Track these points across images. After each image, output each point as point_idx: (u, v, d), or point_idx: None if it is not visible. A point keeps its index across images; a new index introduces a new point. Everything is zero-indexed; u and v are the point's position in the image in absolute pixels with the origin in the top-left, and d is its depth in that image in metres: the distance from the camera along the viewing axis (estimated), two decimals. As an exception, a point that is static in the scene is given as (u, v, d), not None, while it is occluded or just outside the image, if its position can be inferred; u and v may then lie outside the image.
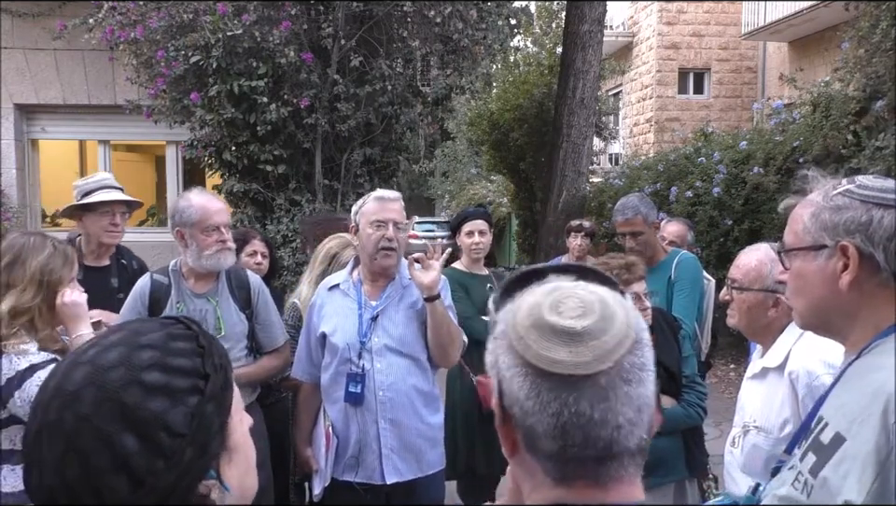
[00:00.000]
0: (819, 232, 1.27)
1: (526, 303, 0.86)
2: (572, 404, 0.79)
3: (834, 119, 5.75)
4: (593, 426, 0.79)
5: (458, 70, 7.86)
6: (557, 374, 0.79)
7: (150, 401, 0.78)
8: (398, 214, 2.71)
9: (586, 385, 0.79)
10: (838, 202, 1.25)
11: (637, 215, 3.49)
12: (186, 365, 0.83)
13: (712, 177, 7.13)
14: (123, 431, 0.76)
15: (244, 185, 6.93)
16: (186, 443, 0.78)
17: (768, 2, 14.78)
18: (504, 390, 0.85)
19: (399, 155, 8.35)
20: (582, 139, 10.86)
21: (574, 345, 0.80)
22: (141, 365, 0.80)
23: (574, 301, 0.84)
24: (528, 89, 13.62)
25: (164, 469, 0.77)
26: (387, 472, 2.66)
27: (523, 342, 0.82)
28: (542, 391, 0.80)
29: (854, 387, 1.20)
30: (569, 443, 0.80)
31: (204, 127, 6.59)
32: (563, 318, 0.82)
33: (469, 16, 7.21)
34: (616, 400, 0.80)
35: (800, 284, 1.32)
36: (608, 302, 0.84)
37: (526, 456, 0.85)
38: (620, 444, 0.81)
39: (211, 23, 6.19)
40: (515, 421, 0.84)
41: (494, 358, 0.88)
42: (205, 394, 0.82)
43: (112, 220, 3.21)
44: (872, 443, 1.11)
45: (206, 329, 2.84)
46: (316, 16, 6.67)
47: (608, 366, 0.79)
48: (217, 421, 0.83)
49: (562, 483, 0.83)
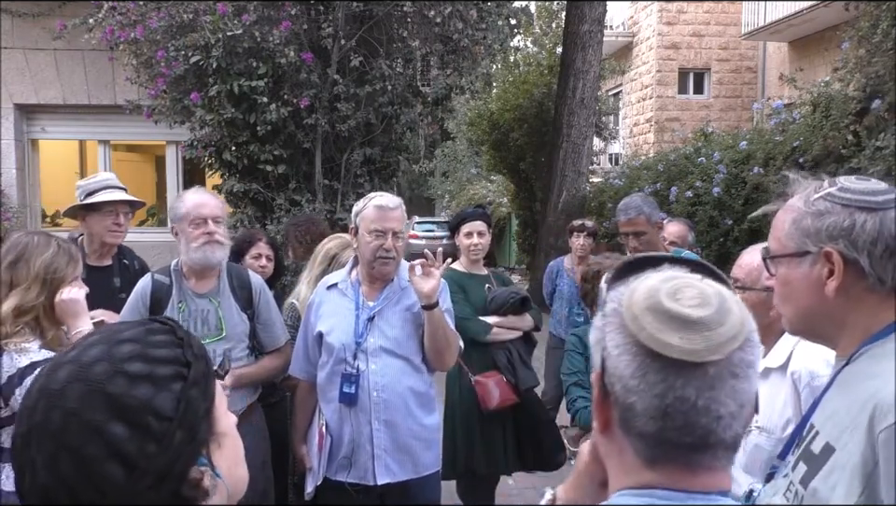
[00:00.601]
0: (802, 239, 1.24)
1: (644, 287, 0.87)
2: (678, 389, 0.81)
3: (834, 119, 5.74)
4: (694, 412, 0.81)
5: (458, 70, 7.85)
6: (667, 357, 0.81)
7: (135, 389, 0.80)
8: (397, 223, 2.71)
9: (695, 373, 0.81)
10: (819, 206, 1.23)
11: (641, 214, 3.49)
12: (167, 354, 0.85)
13: (712, 177, 7.13)
14: (111, 420, 0.78)
15: (244, 185, 6.92)
16: (175, 426, 0.80)
17: (768, 2, 14.78)
18: (608, 367, 0.87)
19: (398, 155, 8.34)
20: (582, 139, 10.87)
21: (687, 333, 0.82)
22: (122, 357, 0.82)
23: (693, 291, 0.86)
24: (528, 89, 13.63)
25: (156, 452, 0.79)
26: (379, 473, 2.66)
27: (637, 322, 0.84)
28: (650, 372, 0.82)
29: (844, 395, 1.18)
30: (668, 426, 0.81)
31: (204, 127, 6.58)
32: (680, 305, 0.83)
33: (469, 16, 7.20)
34: (722, 391, 0.81)
35: (786, 291, 1.31)
36: (725, 297, 0.86)
37: (619, 433, 0.87)
38: (717, 435, 0.82)
39: (211, 23, 6.19)
40: (615, 397, 0.86)
41: (601, 334, 0.90)
42: (188, 379, 0.84)
43: (115, 220, 3.21)
44: (858, 455, 1.09)
45: (208, 329, 2.81)
46: (316, 16, 6.67)
47: (718, 358, 0.81)
48: (203, 406, 0.85)
49: (653, 465, 0.85)
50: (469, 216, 3.82)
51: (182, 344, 0.88)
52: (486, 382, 3.57)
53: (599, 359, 0.89)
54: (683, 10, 18.73)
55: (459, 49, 7.60)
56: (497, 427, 3.64)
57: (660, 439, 0.83)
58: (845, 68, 6.18)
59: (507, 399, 3.56)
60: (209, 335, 2.75)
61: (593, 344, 0.92)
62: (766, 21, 15.06)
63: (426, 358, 2.79)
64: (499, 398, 3.54)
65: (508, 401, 3.56)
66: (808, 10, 13.38)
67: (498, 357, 3.63)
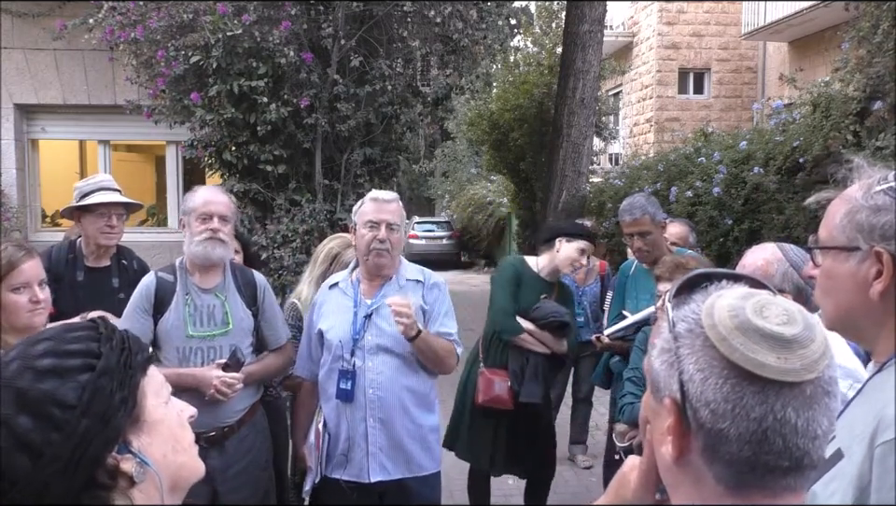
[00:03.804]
0: (854, 233, 1.16)
1: (724, 305, 0.83)
2: (779, 410, 0.77)
3: (835, 120, 5.74)
4: (794, 434, 0.78)
5: (458, 70, 7.85)
6: (763, 379, 0.77)
7: (41, 382, 0.85)
8: (392, 214, 2.71)
9: (793, 392, 0.78)
10: (878, 201, 1.14)
11: (645, 214, 3.49)
12: (78, 348, 0.89)
13: (712, 177, 7.12)
14: (18, 414, 0.83)
15: (244, 185, 6.92)
16: (79, 414, 0.84)
17: (768, 2, 14.77)
18: (690, 392, 0.81)
19: (398, 155, 8.34)
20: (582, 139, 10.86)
21: (783, 352, 0.78)
22: (35, 355, 0.87)
23: (777, 308, 0.82)
24: (528, 89, 13.62)
25: (60, 440, 0.83)
26: (373, 471, 2.67)
27: (727, 343, 0.79)
28: (746, 394, 0.78)
29: (864, 404, 1.15)
30: (765, 450, 0.78)
31: (204, 127, 6.58)
32: (770, 323, 0.80)
33: (469, 16, 7.20)
34: (819, 410, 0.79)
35: (829, 284, 1.23)
36: (805, 313, 0.83)
37: (698, 461, 0.82)
38: (812, 456, 0.79)
39: (211, 23, 6.19)
40: (699, 423, 0.80)
41: (672, 358, 0.84)
42: (97, 369, 0.87)
43: (108, 222, 3.21)
44: (857, 467, 1.07)
45: (215, 323, 2.80)
46: (316, 16, 6.67)
47: (814, 376, 0.79)
48: (119, 395, 0.88)
49: (736, 492, 0.81)
50: (585, 233, 3.75)
51: (100, 338, 0.91)
52: (491, 377, 3.57)
53: (676, 384, 0.83)
54: (683, 10, 18.72)
55: (459, 49, 7.60)
56: (488, 423, 3.63)
57: (754, 464, 0.79)
58: (845, 68, 6.17)
59: (498, 400, 3.53)
60: (215, 329, 2.76)
61: (659, 367, 0.86)
62: (766, 20, 15.05)
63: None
64: (491, 396, 3.54)
65: (498, 403, 3.54)
66: (808, 10, 13.37)
67: (513, 360, 3.60)
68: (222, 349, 2.72)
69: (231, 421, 2.78)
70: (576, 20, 10.62)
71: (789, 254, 2.03)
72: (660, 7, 18.71)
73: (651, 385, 0.89)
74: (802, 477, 0.81)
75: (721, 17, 18.69)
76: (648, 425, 0.93)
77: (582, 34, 10.51)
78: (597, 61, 10.86)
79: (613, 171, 12.40)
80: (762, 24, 15.29)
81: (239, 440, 2.80)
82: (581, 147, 10.99)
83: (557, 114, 11.24)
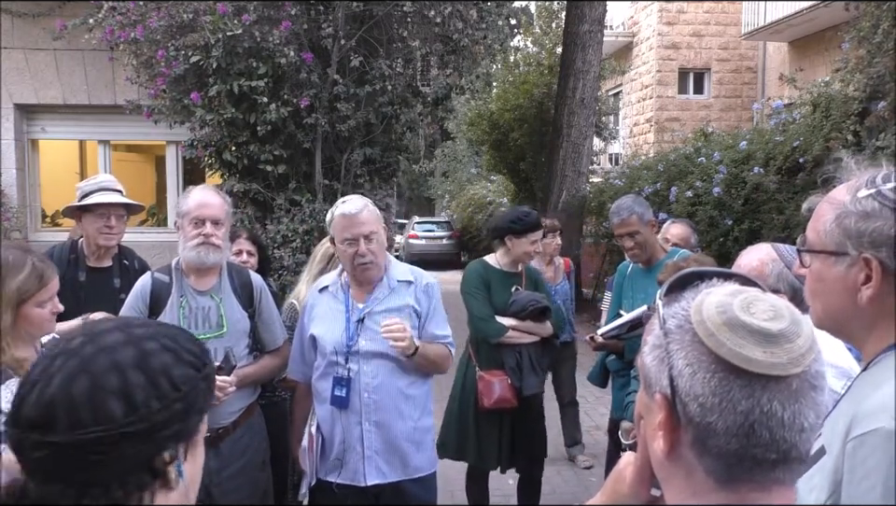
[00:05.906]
0: (842, 239, 1.16)
1: (712, 302, 0.85)
2: (765, 404, 0.79)
3: (835, 120, 5.75)
4: (780, 427, 0.79)
5: (458, 70, 7.85)
6: (750, 373, 0.79)
7: (163, 356, 0.92)
8: (364, 225, 2.64)
9: (779, 386, 0.80)
10: (866, 206, 1.13)
11: (632, 214, 3.48)
12: (192, 348, 0.98)
13: (712, 177, 7.12)
14: (135, 368, 0.89)
15: (244, 185, 6.92)
16: (179, 397, 0.91)
17: (768, 2, 14.77)
18: (679, 387, 0.83)
19: (398, 155, 8.35)
20: (582, 139, 10.87)
21: (769, 346, 0.80)
22: (161, 334, 0.97)
23: (764, 304, 0.84)
24: (528, 89, 13.64)
25: (156, 408, 0.88)
26: (369, 474, 2.66)
27: (714, 338, 0.81)
28: (734, 388, 0.80)
29: (849, 401, 1.17)
30: (752, 443, 0.80)
31: (204, 127, 6.58)
32: (757, 319, 0.82)
33: (469, 16, 7.21)
34: (805, 403, 0.80)
35: (818, 287, 1.24)
36: (792, 309, 0.85)
37: (688, 454, 0.84)
38: (798, 449, 0.81)
39: (211, 23, 6.19)
40: (688, 418, 0.82)
41: (663, 353, 0.86)
42: (202, 373, 0.95)
43: (107, 222, 3.20)
44: (833, 462, 1.08)
45: (209, 326, 2.76)
46: (316, 16, 6.67)
47: (800, 370, 0.80)
48: (203, 403, 0.96)
49: (726, 485, 0.83)
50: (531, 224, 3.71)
51: (206, 352, 1.01)
52: (490, 380, 3.57)
53: (666, 380, 0.85)
54: (683, 10, 18.73)
55: (459, 49, 7.60)
56: (493, 423, 3.65)
57: (742, 457, 0.80)
58: (845, 68, 6.18)
59: (504, 400, 3.56)
60: (210, 332, 2.74)
61: (651, 363, 0.88)
62: (766, 20, 15.05)
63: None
64: (497, 398, 3.55)
65: (504, 404, 3.56)
66: (808, 10, 13.37)
67: (507, 358, 3.61)
68: (216, 352, 2.69)
69: (225, 423, 2.77)
70: (576, 20, 10.62)
71: (783, 254, 2.03)
72: (660, 7, 18.71)
73: (643, 381, 0.91)
74: (790, 470, 0.82)
75: (720, 17, 18.70)
76: (642, 420, 0.94)
77: (582, 34, 10.51)
78: (597, 61, 10.87)
79: (613, 171, 12.41)
80: (762, 24, 15.29)
81: (234, 441, 2.79)
82: (581, 147, 10.98)
83: (557, 114, 11.25)
